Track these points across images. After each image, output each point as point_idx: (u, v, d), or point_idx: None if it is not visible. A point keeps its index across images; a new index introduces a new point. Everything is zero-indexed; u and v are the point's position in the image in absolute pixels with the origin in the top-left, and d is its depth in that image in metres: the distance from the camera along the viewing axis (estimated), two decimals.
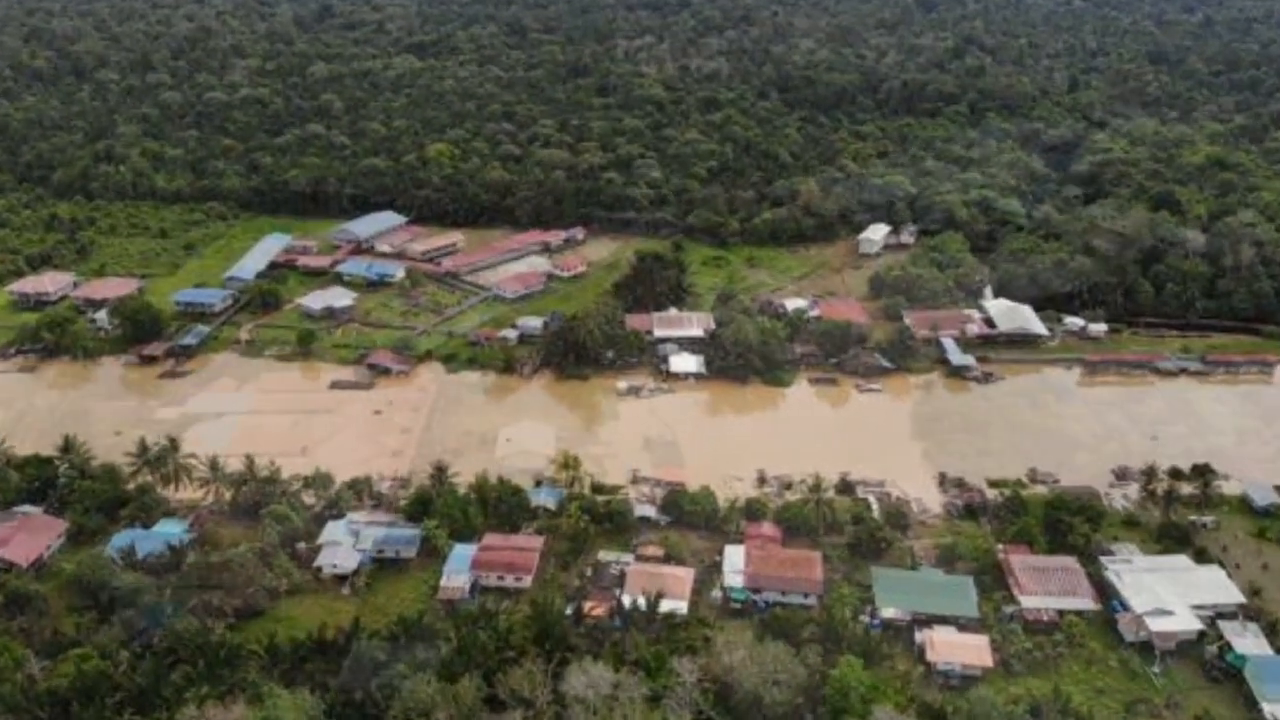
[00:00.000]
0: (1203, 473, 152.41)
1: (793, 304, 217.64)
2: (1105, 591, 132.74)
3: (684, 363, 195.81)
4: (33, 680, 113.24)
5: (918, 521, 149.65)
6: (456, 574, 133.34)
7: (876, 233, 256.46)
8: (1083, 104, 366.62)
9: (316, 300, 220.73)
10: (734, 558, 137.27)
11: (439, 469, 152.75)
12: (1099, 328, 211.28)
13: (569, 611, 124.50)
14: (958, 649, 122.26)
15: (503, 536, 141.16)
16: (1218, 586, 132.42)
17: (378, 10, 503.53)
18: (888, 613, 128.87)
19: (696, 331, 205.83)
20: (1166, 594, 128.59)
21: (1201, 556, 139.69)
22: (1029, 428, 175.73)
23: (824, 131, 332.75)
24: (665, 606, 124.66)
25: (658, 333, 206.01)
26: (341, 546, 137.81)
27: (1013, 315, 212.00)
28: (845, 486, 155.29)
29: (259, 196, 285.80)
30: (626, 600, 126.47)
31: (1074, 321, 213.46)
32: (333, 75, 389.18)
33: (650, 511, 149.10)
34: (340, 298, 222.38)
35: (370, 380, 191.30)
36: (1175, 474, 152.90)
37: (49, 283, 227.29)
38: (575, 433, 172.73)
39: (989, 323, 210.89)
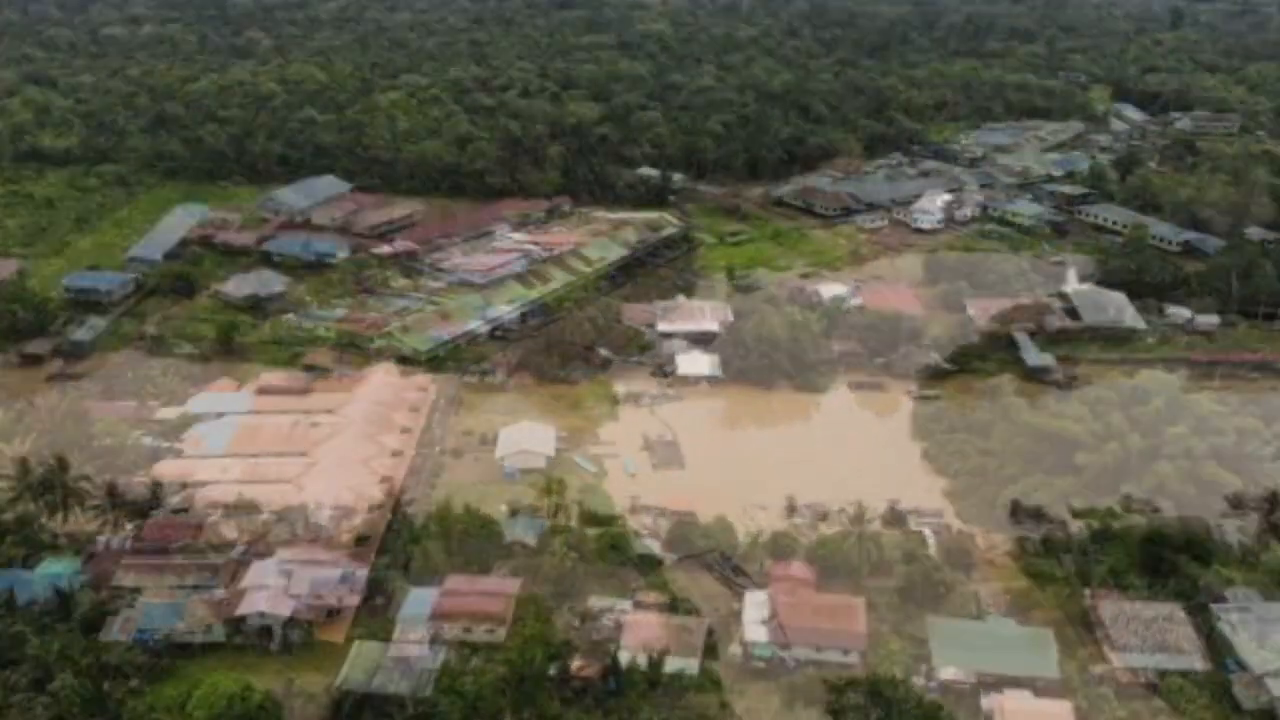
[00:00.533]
0: None
1: (830, 291, 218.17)
2: (1217, 647, 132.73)
3: (695, 363, 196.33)
4: None
5: (984, 560, 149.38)
6: (413, 625, 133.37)
7: (933, 203, 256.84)
8: (1189, 42, 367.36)
9: (240, 285, 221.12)
10: (757, 605, 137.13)
11: (391, 495, 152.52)
12: (1209, 320, 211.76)
13: (552, 672, 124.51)
14: (1034, 718, 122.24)
15: (470, 579, 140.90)
16: None
17: None
18: (948, 673, 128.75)
19: (710, 325, 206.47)
20: None
21: None
22: (1122, 443, 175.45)
23: (868, 77, 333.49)
24: (671, 665, 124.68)
25: (662, 327, 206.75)
26: (270, 591, 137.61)
27: (1102, 304, 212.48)
28: (894, 517, 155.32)
29: (168, 158, 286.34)
30: (623, 657, 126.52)
31: (1178, 312, 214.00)
32: (259, 6, 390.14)
33: (653, 547, 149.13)
34: (269, 283, 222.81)
35: (306, 384, 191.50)
36: None
37: None
38: (560, 451, 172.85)
39: (1072, 314, 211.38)
